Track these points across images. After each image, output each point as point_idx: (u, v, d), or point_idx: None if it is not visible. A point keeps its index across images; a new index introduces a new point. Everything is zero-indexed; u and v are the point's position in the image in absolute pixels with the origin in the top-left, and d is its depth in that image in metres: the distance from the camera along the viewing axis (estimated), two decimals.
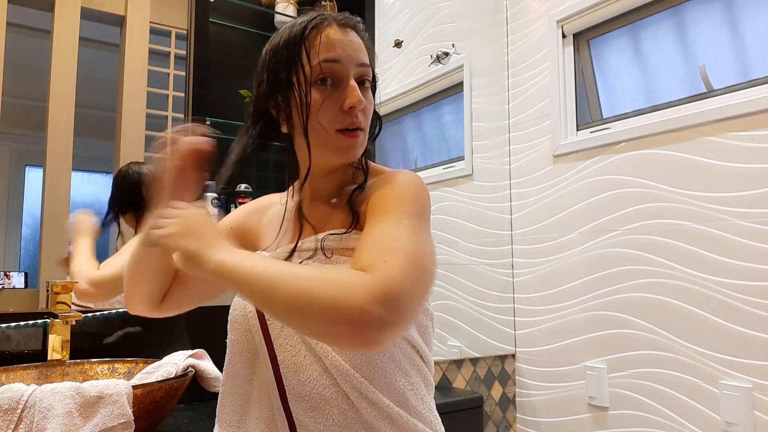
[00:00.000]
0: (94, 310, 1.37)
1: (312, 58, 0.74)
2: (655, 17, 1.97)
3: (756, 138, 1.61)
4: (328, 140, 0.75)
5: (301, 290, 0.58)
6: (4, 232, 1.35)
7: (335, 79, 0.75)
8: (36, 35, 1.42)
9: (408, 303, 0.59)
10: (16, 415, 0.87)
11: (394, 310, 0.57)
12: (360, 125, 0.76)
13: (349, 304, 0.56)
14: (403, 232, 0.66)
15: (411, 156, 2.35)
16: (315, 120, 0.74)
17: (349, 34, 0.77)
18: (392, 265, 0.60)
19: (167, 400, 1.05)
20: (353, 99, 0.74)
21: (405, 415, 0.72)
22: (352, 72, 0.75)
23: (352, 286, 0.57)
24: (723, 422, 1.62)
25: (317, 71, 0.74)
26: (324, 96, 0.74)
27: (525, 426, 2.21)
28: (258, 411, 0.73)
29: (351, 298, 0.56)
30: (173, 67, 1.58)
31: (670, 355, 1.77)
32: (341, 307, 0.56)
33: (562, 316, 2.10)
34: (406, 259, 0.61)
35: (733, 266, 1.63)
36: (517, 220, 2.30)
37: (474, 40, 2.31)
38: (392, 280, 0.58)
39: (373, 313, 0.56)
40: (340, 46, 0.75)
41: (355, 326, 0.56)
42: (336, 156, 0.77)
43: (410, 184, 0.74)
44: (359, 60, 0.76)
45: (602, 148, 2.01)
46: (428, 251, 0.66)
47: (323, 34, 0.75)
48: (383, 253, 0.62)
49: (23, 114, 1.39)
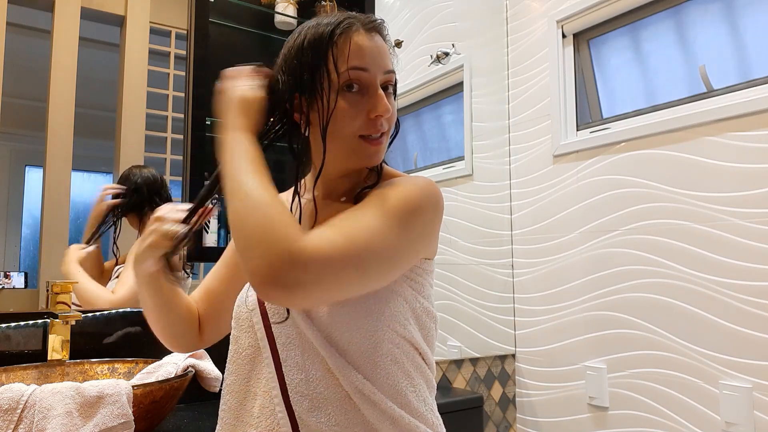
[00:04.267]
0: (94, 310, 1.37)
1: (340, 64, 0.74)
2: (655, 17, 1.97)
3: (756, 138, 1.61)
4: (350, 146, 0.75)
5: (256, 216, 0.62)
6: (4, 232, 1.35)
7: (362, 86, 0.74)
8: (36, 35, 1.42)
9: (318, 280, 0.61)
10: (16, 415, 0.87)
11: (301, 279, 0.60)
12: (383, 131, 0.76)
13: (274, 246, 0.60)
14: (368, 222, 0.66)
15: (411, 156, 2.35)
16: (338, 126, 0.74)
17: (376, 39, 0.77)
18: (330, 245, 0.62)
19: (167, 400, 1.05)
20: (381, 109, 0.74)
21: (407, 416, 0.72)
22: (379, 79, 0.75)
23: (284, 239, 0.60)
24: (723, 422, 1.62)
25: (345, 78, 0.74)
26: (350, 103, 0.74)
27: (525, 426, 2.21)
28: (259, 408, 0.73)
29: (276, 245, 0.59)
30: (173, 67, 1.58)
31: (670, 355, 1.77)
32: (268, 243, 0.60)
33: (562, 316, 2.10)
34: (347, 246, 0.63)
35: (733, 266, 1.63)
36: (517, 220, 2.30)
37: (474, 40, 2.31)
38: (315, 256, 0.60)
39: (282, 270, 0.59)
40: (369, 54, 0.75)
41: (265, 267, 0.59)
42: (358, 161, 0.77)
43: (412, 187, 0.73)
44: (386, 67, 0.76)
45: (602, 148, 2.01)
46: (382, 251, 0.67)
47: (352, 41, 0.75)
48: (334, 228, 0.64)
49: (23, 114, 1.39)
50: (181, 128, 1.54)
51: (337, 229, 0.64)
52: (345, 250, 0.62)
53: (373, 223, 0.66)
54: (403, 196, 0.71)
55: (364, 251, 0.64)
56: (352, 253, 0.63)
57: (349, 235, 0.64)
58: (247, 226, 0.62)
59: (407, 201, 0.71)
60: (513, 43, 2.38)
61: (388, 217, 0.68)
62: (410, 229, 0.70)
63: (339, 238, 0.63)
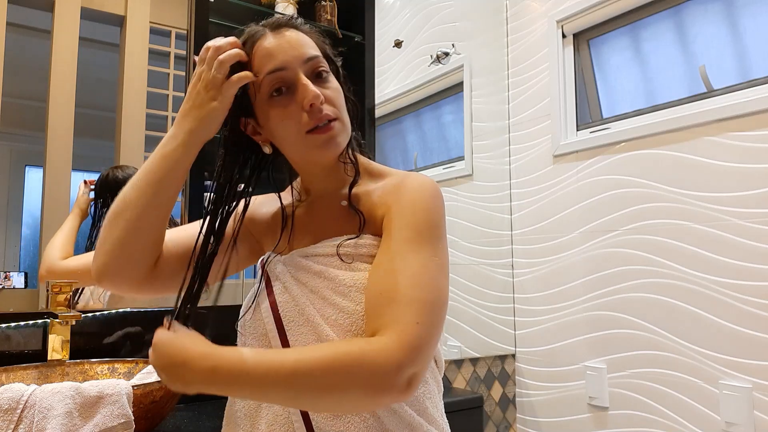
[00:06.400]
0: (94, 310, 1.37)
1: (259, 75, 0.73)
2: (655, 17, 1.97)
3: (756, 138, 1.61)
4: (303, 144, 0.73)
5: (327, 380, 0.59)
6: (4, 232, 1.35)
7: (288, 85, 0.73)
8: (36, 35, 1.42)
9: (428, 353, 0.62)
10: (16, 415, 0.87)
11: (419, 368, 0.61)
12: (329, 117, 0.73)
13: (381, 381, 0.58)
14: (421, 272, 0.65)
15: (411, 156, 2.35)
16: (284, 131, 0.73)
17: (286, 34, 0.75)
18: (413, 325, 0.61)
19: (167, 400, 1.05)
20: (308, 96, 0.71)
21: (425, 423, 0.72)
22: (301, 71, 0.73)
23: (378, 365, 0.58)
24: (723, 422, 1.62)
25: (267, 85, 0.73)
26: (283, 106, 0.72)
27: (525, 426, 2.21)
28: (272, 416, 0.71)
29: (381, 376, 0.58)
30: (173, 67, 1.58)
31: (670, 355, 1.77)
32: (373, 385, 0.59)
33: (562, 316, 2.10)
34: (424, 311, 0.62)
35: (733, 266, 1.63)
36: (517, 220, 2.30)
37: (474, 40, 2.31)
38: (415, 344, 0.60)
39: (403, 379, 0.59)
40: (279, 52, 0.73)
41: (391, 394, 0.59)
42: (319, 155, 0.75)
43: (427, 199, 0.72)
44: (304, 56, 0.74)
45: (602, 148, 2.01)
46: (443, 287, 0.67)
47: (260, 48, 0.73)
48: (402, 306, 0.62)
49: (23, 114, 1.39)
50: None
51: (402, 305, 0.63)
52: (428, 319, 0.62)
53: (423, 267, 0.66)
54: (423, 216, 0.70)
55: (435, 302, 0.65)
56: (429, 312, 0.63)
57: (414, 302, 0.63)
58: (331, 396, 0.60)
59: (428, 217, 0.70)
60: (513, 43, 2.38)
61: (426, 249, 0.67)
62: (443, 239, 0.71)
63: (411, 315, 0.62)
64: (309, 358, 0.59)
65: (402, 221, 0.70)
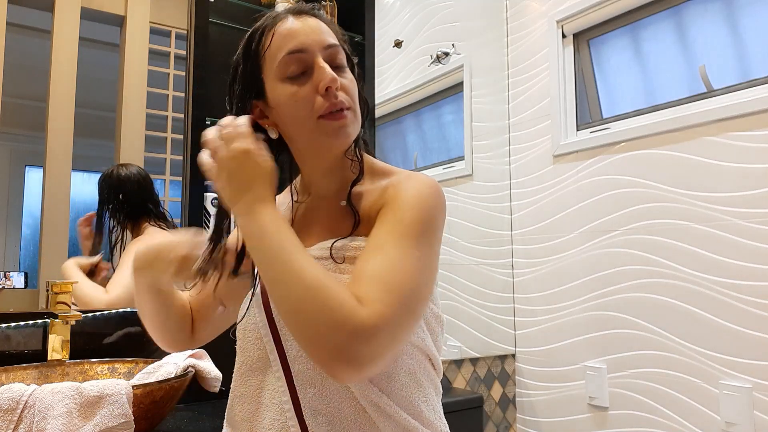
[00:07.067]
0: (94, 311, 1.37)
1: (277, 55, 0.72)
2: (655, 17, 1.97)
3: (756, 138, 1.61)
4: (314, 129, 0.72)
5: (308, 295, 0.60)
6: (4, 232, 1.35)
7: (305, 67, 0.72)
8: (36, 35, 1.42)
9: (386, 346, 0.60)
10: (16, 415, 0.87)
11: (372, 352, 0.59)
12: (344, 105, 0.71)
13: (335, 330, 0.57)
14: (407, 264, 0.64)
15: (411, 156, 2.35)
16: (296, 113, 0.72)
17: (308, 21, 0.74)
18: (386, 306, 0.60)
19: (167, 400, 1.05)
20: (326, 78, 0.70)
21: (421, 427, 0.71)
22: (320, 56, 0.72)
23: (345, 317, 0.58)
24: (723, 422, 1.62)
25: (283, 64, 0.71)
26: (299, 86, 0.71)
27: (525, 426, 2.21)
28: (270, 421, 0.71)
29: (340, 326, 0.58)
30: (173, 67, 1.58)
31: (670, 355, 1.77)
32: (328, 327, 0.58)
33: (562, 316, 2.10)
34: (400, 301, 0.61)
35: (733, 266, 1.63)
36: (517, 220, 2.30)
37: (474, 40, 2.31)
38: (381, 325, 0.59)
39: (352, 349, 0.58)
40: (301, 34, 0.72)
41: (331, 349, 0.58)
42: (328, 143, 0.73)
43: (424, 199, 0.70)
44: (324, 42, 0.73)
45: (602, 148, 2.01)
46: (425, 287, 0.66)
47: (283, 28, 0.73)
48: (381, 286, 0.62)
49: (23, 114, 1.39)
50: (181, 128, 1.54)
51: (380, 284, 0.62)
52: (398, 306, 0.61)
53: (406, 260, 0.65)
54: (417, 214, 0.68)
55: (412, 296, 0.63)
56: (404, 303, 0.62)
57: (394, 286, 0.62)
58: (304, 311, 0.60)
59: (422, 216, 0.69)
60: (513, 43, 2.38)
61: (414, 245, 0.66)
62: (434, 241, 0.69)
63: (388, 296, 0.61)
64: (307, 267, 0.61)
65: (394, 215, 0.69)
